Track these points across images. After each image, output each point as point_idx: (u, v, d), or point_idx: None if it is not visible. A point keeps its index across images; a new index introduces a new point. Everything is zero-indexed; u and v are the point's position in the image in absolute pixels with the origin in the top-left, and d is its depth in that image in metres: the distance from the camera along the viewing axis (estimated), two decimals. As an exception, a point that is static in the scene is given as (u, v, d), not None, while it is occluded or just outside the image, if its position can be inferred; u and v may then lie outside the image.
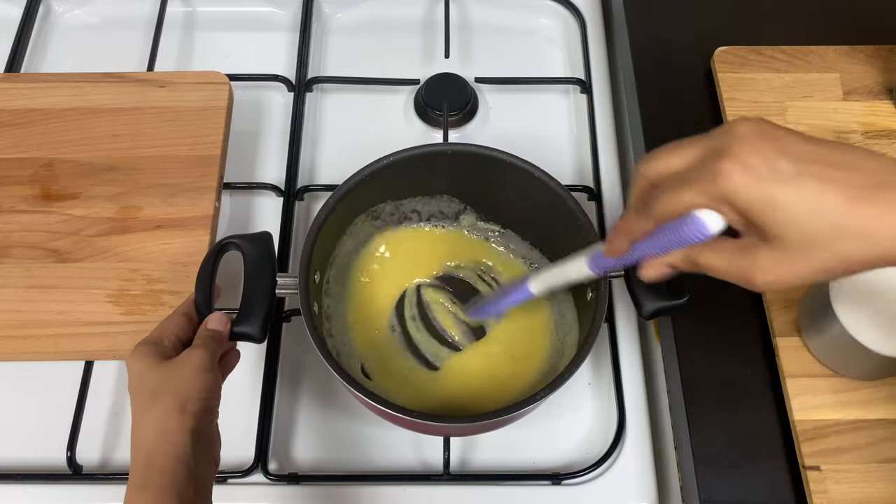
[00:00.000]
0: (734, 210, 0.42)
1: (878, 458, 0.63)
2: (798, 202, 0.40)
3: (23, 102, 0.78)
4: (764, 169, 0.40)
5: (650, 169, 0.46)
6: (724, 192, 0.41)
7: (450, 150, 0.70)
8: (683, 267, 0.46)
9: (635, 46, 0.87)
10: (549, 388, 0.58)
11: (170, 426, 0.51)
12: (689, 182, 0.43)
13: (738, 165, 0.40)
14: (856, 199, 0.39)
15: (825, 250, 0.40)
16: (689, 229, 0.43)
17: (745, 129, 0.42)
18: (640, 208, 0.46)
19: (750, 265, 0.43)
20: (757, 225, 0.41)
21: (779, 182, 0.40)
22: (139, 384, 0.54)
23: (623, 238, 0.48)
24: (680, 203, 0.43)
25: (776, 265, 0.42)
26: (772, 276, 0.42)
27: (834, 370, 0.66)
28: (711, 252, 0.44)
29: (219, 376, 0.56)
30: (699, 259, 0.45)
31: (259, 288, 0.61)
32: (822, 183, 0.40)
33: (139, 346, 0.56)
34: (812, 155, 0.41)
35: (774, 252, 0.42)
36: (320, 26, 0.95)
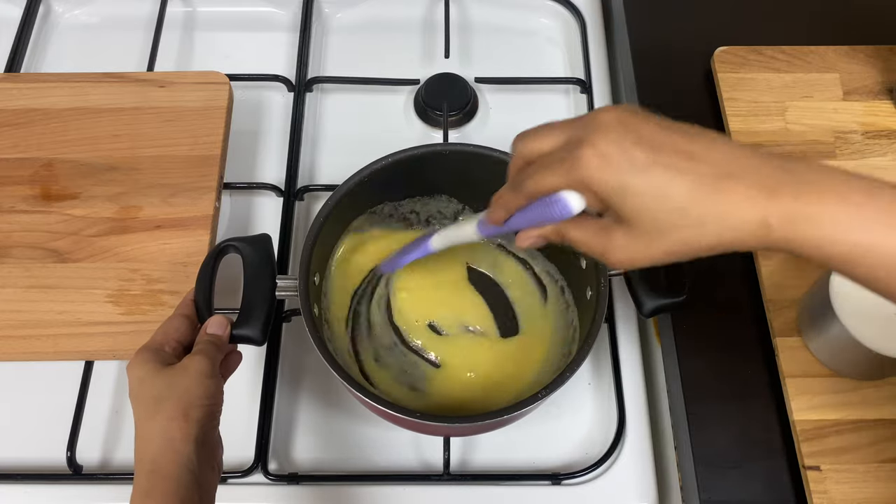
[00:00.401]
0: (593, 194, 0.45)
1: (878, 458, 0.63)
2: (648, 191, 0.43)
3: (23, 102, 0.78)
4: (619, 158, 0.43)
5: (524, 147, 0.49)
6: (583, 179, 0.44)
7: (448, 150, 0.70)
8: (554, 239, 0.50)
9: (635, 46, 0.87)
10: (549, 388, 0.58)
11: (174, 434, 0.51)
12: (554, 166, 0.46)
13: (596, 155, 0.43)
14: (699, 190, 0.42)
15: (671, 236, 0.43)
16: (554, 208, 0.47)
17: (607, 117, 0.45)
18: (514, 184, 0.49)
19: (607, 243, 0.46)
20: (613, 208, 0.45)
21: (631, 171, 0.43)
22: (141, 391, 0.54)
23: (500, 209, 0.51)
24: (546, 184, 0.46)
25: (628, 246, 0.45)
26: (624, 254, 0.46)
27: (834, 370, 0.66)
28: (576, 228, 0.48)
29: (220, 382, 0.56)
30: (567, 233, 0.49)
31: (259, 290, 0.61)
32: (672, 173, 0.42)
33: (140, 352, 0.56)
34: (666, 145, 0.43)
35: (628, 234, 0.45)
36: (320, 26, 0.95)
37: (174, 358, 0.56)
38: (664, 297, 0.61)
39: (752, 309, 0.71)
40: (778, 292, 0.69)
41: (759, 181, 0.42)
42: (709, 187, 0.42)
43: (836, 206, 0.41)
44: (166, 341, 0.57)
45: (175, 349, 0.57)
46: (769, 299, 0.69)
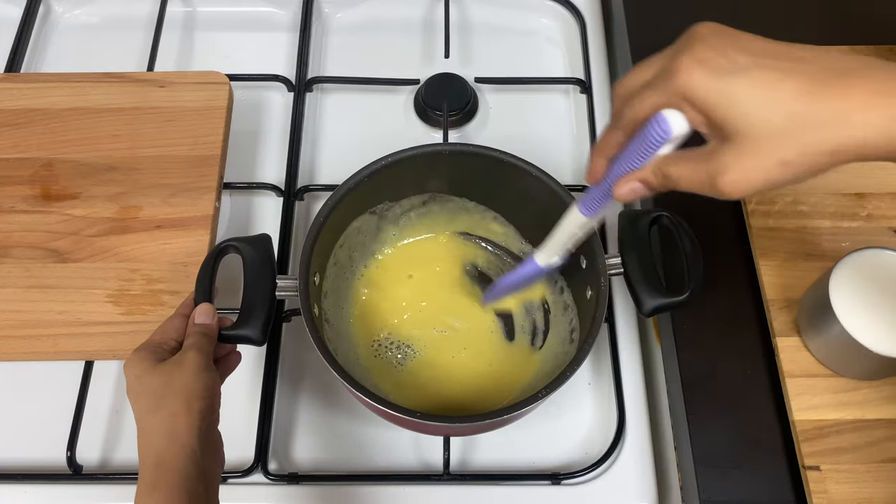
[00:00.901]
0: (694, 107, 0.41)
1: (878, 458, 0.63)
2: (754, 93, 0.39)
3: (23, 102, 0.78)
4: (720, 62, 0.40)
5: (622, 86, 0.46)
6: (682, 88, 0.41)
7: (448, 150, 0.70)
8: (654, 181, 0.45)
9: (635, 46, 0.87)
10: (549, 388, 0.58)
11: (178, 427, 0.52)
12: (651, 86, 0.43)
13: (694, 61, 0.41)
14: (815, 88, 0.38)
15: (786, 142, 0.39)
16: (653, 130, 0.43)
17: (703, 29, 0.42)
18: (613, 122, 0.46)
19: (715, 168, 0.41)
20: (717, 122, 0.41)
21: (734, 74, 0.40)
22: (140, 387, 0.54)
23: (599, 157, 0.48)
24: (644, 106, 0.43)
25: (738, 163, 0.41)
26: (735, 174, 0.41)
27: (834, 370, 0.66)
28: (679, 162, 0.44)
29: (216, 374, 0.56)
30: (668, 170, 0.44)
31: (259, 290, 0.61)
32: (779, 73, 0.39)
33: (137, 351, 0.56)
34: (770, 50, 0.40)
35: (736, 149, 0.41)
36: (320, 26, 0.95)
37: (170, 355, 0.56)
38: (664, 296, 0.61)
39: (752, 309, 0.71)
40: (778, 292, 0.69)
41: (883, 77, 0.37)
42: (824, 84, 0.38)
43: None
44: (164, 341, 0.57)
45: (173, 349, 0.57)
46: (769, 299, 0.69)
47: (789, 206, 0.73)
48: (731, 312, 0.71)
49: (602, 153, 0.47)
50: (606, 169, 0.48)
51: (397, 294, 0.73)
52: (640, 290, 0.61)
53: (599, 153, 0.48)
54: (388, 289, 0.73)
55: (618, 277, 0.64)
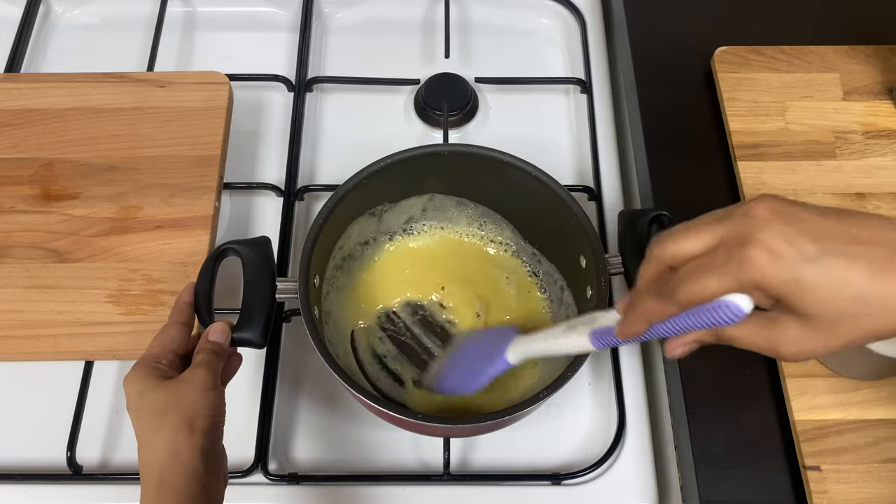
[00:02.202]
0: (763, 294, 0.43)
1: (878, 458, 0.63)
2: (825, 282, 0.41)
3: (23, 102, 0.78)
4: (789, 253, 0.41)
5: (666, 251, 0.46)
6: (754, 279, 0.42)
7: (447, 150, 0.70)
8: (710, 341, 0.47)
9: (635, 46, 0.87)
10: (549, 389, 0.58)
11: (180, 446, 0.51)
12: (716, 269, 0.43)
13: (765, 252, 0.41)
14: (878, 274, 0.40)
15: (852, 325, 0.41)
16: (721, 313, 0.43)
17: (765, 211, 0.43)
18: (660, 292, 0.46)
19: (777, 338, 0.44)
20: (785, 304, 0.42)
21: (804, 264, 0.41)
22: (142, 404, 0.53)
23: (641, 321, 0.48)
24: (708, 290, 0.43)
25: (803, 339, 0.43)
26: (798, 348, 0.43)
27: (834, 370, 0.66)
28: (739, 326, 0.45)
29: (222, 392, 0.56)
30: (727, 333, 0.46)
31: (259, 293, 0.61)
32: (846, 260, 0.41)
33: (137, 367, 0.55)
34: (832, 231, 0.42)
35: (802, 327, 0.43)
36: (320, 26, 0.95)
37: (172, 371, 0.56)
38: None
39: (753, 309, 0.71)
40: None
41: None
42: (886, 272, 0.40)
43: None
44: (163, 354, 0.56)
45: (172, 362, 0.56)
46: (769, 299, 0.69)
47: (789, 206, 0.73)
48: (731, 312, 0.71)
49: (645, 319, 0.47)
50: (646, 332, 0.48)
51: (397, 295, 0.73)
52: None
53: (641, 318, 0.47)
54: (388, 289, 0.73)
55: (618, 277, 0.64)
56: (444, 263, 0.75)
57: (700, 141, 0.81)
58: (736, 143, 0.78)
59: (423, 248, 0.75)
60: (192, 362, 0.56)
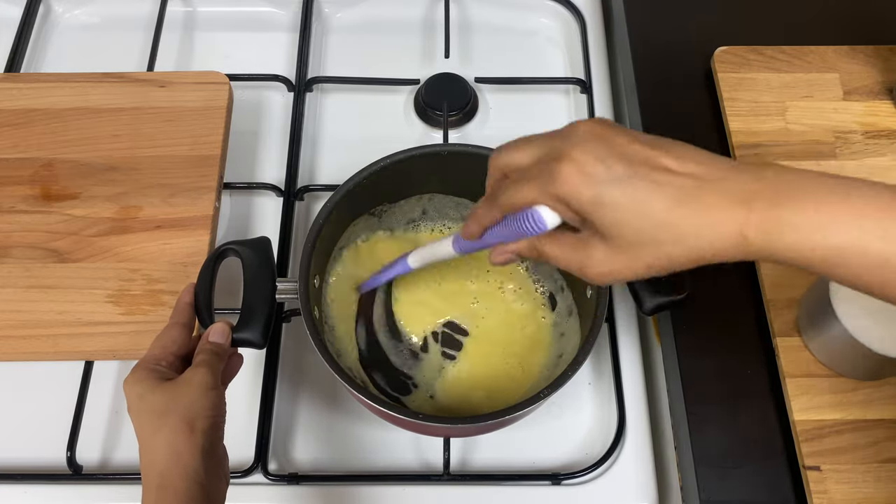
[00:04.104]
0: (570, 209, 0.44)
1: (878, 458, 0.63)
2: (628, 204, 0.42)
3: (23, 102, 0.78)
4: (597, 171, 0.43)
5: (500, 160, 0.49)
6: (560, 193, 0.44)
7: (447, 150, 0.70)
8: (529, 255, 0.50)
9: (635, 46, 0.87)
10: (549, 388, 0.58)
11: (181, 447, 0.51)
12: (530, 179, 0.46)
13: (574, 167, 0.43)
14: (679, 202, 0.42)
15: (651, 249, 0.43)
16: (528, 223, 0.46)
17: (584, 130, 0.44)
18: (490, 198, 0.49)
19: (585, 258, 0.46)
20: (591, 223, 0.44)
21: (610, 184, 0.42)
22: (142, 406, 0.53)
23: (476, 224, 0.51)
24: (521, 198, 0.46)
25: (608, 260, 0.45)
26: (604, 268, 0.45)
27: (834, 370, 0.66)
28: (553, 243, 0.48)
29: (223, 393, 0.56)
30: (543, 248, 0.48)
31: (259, 293, 0.61)
32: (651, 186, 0.42)
33: (137, 369, 0.55)
34: (643, 157, 0.43)
35: (607, 248, 0.45)
36: (320, 26, 0.95)
37: (172, 372, 0.55)
38: (665, 294, 0.61)
39: (752, 309, 0.71)
40: (778, 292, 0.69)
41: (734, 193, 0.42)
42: (687, 199, 0.42)
43: (810, 212, 0.40)
44: (163, 356, 0.56)
45: (172, 363, 0.56)
46: (769, 299, 0.69)
47: (789, 206, 0.73)
48: (731, 312, 0.71)
49: (478, 223, 0.51)
50: (480, 234, 0.52)
51: (397, 295, 0.73)
52: (641, 288, 0.61)
53: (476, 222, 0.51)
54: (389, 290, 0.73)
55: (618, 277, 0.63)
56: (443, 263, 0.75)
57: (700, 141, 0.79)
58: (736, 143, 0.78)
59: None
60: (193, 363, 0.56)
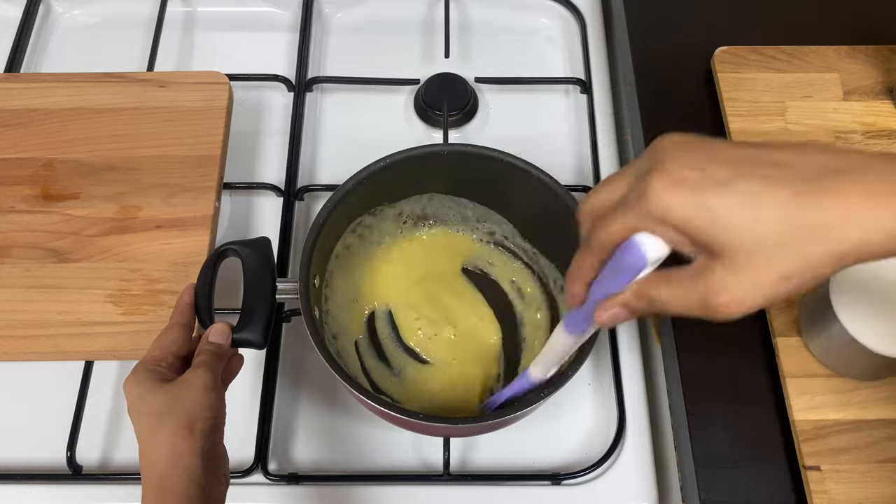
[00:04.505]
0: (673, 228, 0.38)
1: (878, 458, 0.63)
2: (738, 206, 0.36)
3: (23, 102, 0.78)
4: (695, 178, 0.37)
5: (590, 204, 0.43)
6: (657, 210, 0.37)
7: (447, 150, 0.70)
8: (638, 305, 0.41)
9: (635, 46, 0.87)
10: (549, 388, 0.58)
11: (180, 448, 0.51)
12: (623, 207, 0.40)
13: (667, 179, 0.37)
14: (805, 192, 0.35)
15: (784, 254, 0.36)
16: (627, 256, 0.39)
17: (669, 143, 0.39)
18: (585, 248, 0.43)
19: (705, 287, 0.38)
20: (701, 241, 0.37)
21: (713, 188, 0.36)
22: (142, 407, 0.53)
23: (577, 281, 0.44)
24: (614, 230, 0.40)
25: (734, 283, 0.37)
26: (731, 294, 0.37)
27: (834, 370, 0.66)
28: (663, 283, 0.40)
29: (222, 393, 0.56)
30: (652, 293, 0.40)
31: (259, 294, 0.61)
32: (763, 181, 0.36)
33: (137, 370, 0.55)
34: (745, 157, 0.37)
35: (727, 268, 0.37)
36: (320, 26, 0.95)
37: (172, 373, 0.55)
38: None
39: (752, 309, 0.71)
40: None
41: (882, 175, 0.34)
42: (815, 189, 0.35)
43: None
44: (163, 357, 0.56)
45: (172, 364, 0.56)
46: (769, 299, 0.69)
47: (789, 206, 0.73)
48: (731, 312, 0.71)
49: (579, 278, 0.44)
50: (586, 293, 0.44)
51: (398, 295, 0.73)
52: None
53: (576, 278, 0.44)
54: (389, 290, 0.73)
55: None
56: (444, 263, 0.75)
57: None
58: (736, 143, 0.77)
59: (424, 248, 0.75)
60: (192, 364, 0.56)
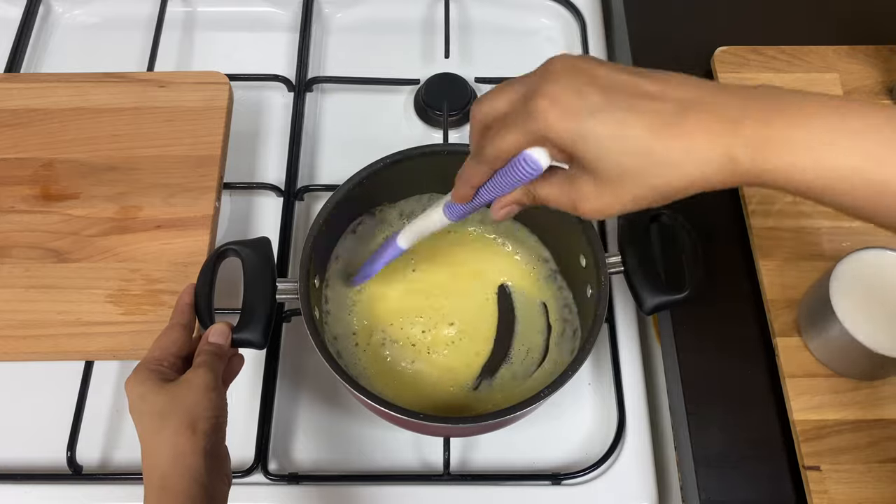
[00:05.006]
0: (554, 145, 0.43)
1: (878, 458, 0.63)
2: (606, 134, 0.41)
3: (23, 102, 0.78)
4: (574, 103, 0.41)
5: (479, 112, 0.47)
6: (541, 130, 0.42)
7: (447, 150, 0.70)
8: (527, 201, 0.49)
9: (635, 46, 0.87)
10: (549, 388, 0.58)
11: (182, 448, 0.51)
12: (512, 124, 0.44)
13: (550, 102, 0.42)
14: (660, 128, 0.40)
15: (637, 180, 0.41)
16: (520, 169, 0.45)
17: (559, 65, 0.44)
18: (476, 154, 0.48)
19: (576, 194, 0.45)
20: (575, 157, 0.43)
21: (588, 116, 0.41)
22: (144, 407, 0.53)
23: (465, 185, 0.50)
24: (507, 146, 0.45)
25: (597, 195, 0.44)
26: (594, 204, 0.44)
27: (834, 370, 0.66)
28: (545, 185, 0.47)
29: (223, 393, 0.56)
30: (537, 192, 0.48)
31: (259, 294, 0.61)
32: (629, 114, 0.41)
33: (139, 370, 0.55)
34: (621, 86, 0.42)
35: (594, 182, 0.43)
36: (320, 26, 0.95)
37: (173, 373, 0.55)
38: (665, 293, 0.61)
39: (752, 309, 0.71)
40: (778, 292, 0.69)
41: (721, 113, 0.39)
42: (668, 125, 0.40)
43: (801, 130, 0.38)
44: (164, 357, 0.56)
45: (173, 364, 0.56)
46: (769, 299, 0.69)
47: (789, 206, 0.73)
48: (731, 312, 0.71)
49: (467, 183, 0.50)
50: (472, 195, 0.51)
51: (398, 295, 0.73)
52: (641, 287, 0.61)
53: (464, 182, 0.50)
54: (389, 290, 0.73)
55: (618, 277, 0.64)
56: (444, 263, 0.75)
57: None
58: (736, 143, 0.77)
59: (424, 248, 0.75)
60: (193, 364, 0.56)
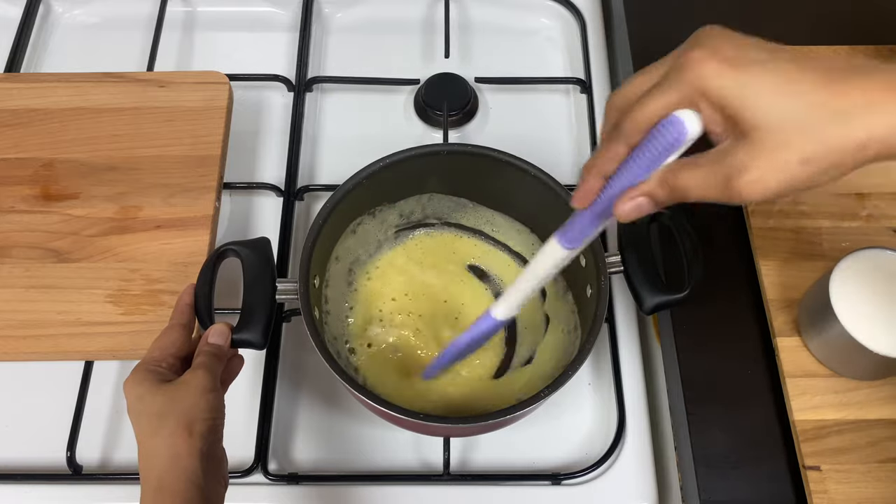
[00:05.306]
0: (709, 103, 0.38)
1: (878, 458, 0.63)
2: (770, 85, 0.37)
3: (23, 102, 0.78)
4: (733, 54, 0.38)
5: (619, 96, 0.42)
6: (697, 80, 0.38)
7: (447, 150, 0.70)
8: (661, 194, 0.41)
9: (635, 46, 0.87)
10: (549, 388, 0.58)
11: (179, 450, 0.51)
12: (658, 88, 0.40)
13: (708, 51, 0.38)
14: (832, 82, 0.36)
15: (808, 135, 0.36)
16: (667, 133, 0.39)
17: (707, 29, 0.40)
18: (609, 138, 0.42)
19: (730, 169, 0.38)
20: (734, 116, 0.38)
21: (749, 65, 0.37)
22: (141, 408, 0.53)
23: (595, 174, 0.43)
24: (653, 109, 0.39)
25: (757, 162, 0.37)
26: (753, 173, 0.37)
27: (834, 370, 0.66)
28: (690, 166, 0.40)
29: (222, 395, 0.56)
30: (677, 179, 0.40)
31: (259, 294, 0.61)
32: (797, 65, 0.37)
33: (137, 370, 0.55)
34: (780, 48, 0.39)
35: (754, 147, 0.37)
36: (320, 26, 0.95)
37: (172, 374, 0.55)
38: (665, 293, 0.61)
39: (752, 309, 0.71)
40: (778, 292, 0.69)
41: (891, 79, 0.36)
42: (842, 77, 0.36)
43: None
44: (163, 358, 0.56)
45: (172, 365, 0.56)
46: (769, 299, 0.69)
47: (789, 206, 0.73)
48: (731, 312, 0.71)
49: (598, 172, 0.43)
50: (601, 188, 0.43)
51: (398, 295, 0.73)
52: (641, 287, 0.61)
53: (595, 172, 0.43)
54: (389, 290, 0.73)
55: (618, 277, 0.64)
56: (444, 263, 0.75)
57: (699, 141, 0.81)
58: (736, 143, 0.77)
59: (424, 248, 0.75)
60: (192, 365, 0.56)
